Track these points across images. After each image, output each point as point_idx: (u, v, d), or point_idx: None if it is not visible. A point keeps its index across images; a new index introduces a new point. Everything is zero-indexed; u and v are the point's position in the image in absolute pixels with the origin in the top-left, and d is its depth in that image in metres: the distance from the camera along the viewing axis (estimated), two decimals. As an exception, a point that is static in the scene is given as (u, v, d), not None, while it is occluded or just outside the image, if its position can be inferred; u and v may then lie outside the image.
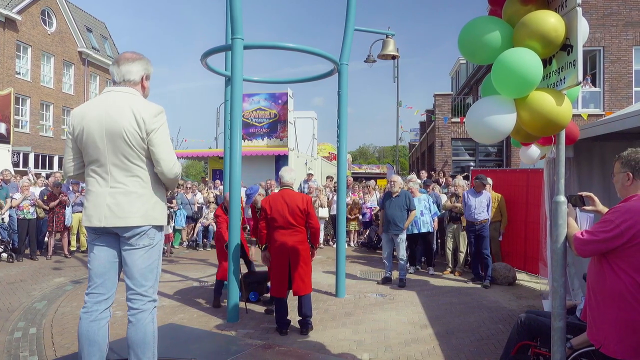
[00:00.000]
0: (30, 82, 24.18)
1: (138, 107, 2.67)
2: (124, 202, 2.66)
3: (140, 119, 2.64)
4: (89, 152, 2.71)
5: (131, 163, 2.68)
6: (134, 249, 2.72)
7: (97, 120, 2.66)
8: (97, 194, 2.70)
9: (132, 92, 2.78)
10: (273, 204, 4.88)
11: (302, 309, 4.92)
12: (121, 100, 2.70)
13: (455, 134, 17.63)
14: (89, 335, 2.70)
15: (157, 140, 2.69)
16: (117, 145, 2.65)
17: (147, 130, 2.65)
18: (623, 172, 2.45)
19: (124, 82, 2.80)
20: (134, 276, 2.74)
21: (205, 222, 11.41)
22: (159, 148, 2.70)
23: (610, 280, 2.35)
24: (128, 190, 2.68)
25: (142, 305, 2.75)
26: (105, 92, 2.81)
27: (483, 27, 2.70)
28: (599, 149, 4.92)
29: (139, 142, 2.66)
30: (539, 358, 3.35)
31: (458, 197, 8.12)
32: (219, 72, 7.01)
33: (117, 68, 2.81)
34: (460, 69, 29.41)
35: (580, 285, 4.78)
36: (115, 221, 2.65)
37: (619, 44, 15.47)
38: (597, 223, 2.46)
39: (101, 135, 2.65)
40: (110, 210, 2.65)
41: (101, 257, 2.76)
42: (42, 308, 5.88)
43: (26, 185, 9.44)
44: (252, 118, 17.47)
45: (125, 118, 2.63)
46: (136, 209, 2.67)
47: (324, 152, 28.77)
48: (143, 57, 2.88)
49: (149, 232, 2.74)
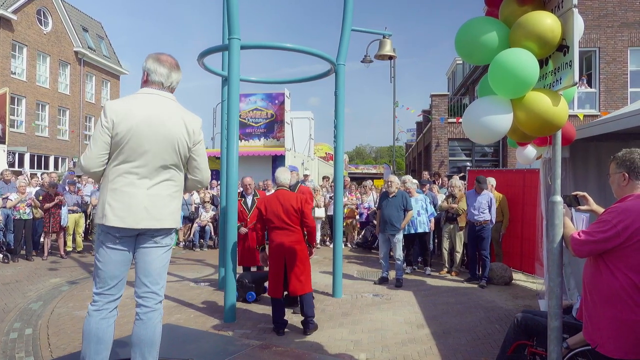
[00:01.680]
0: (25, 81, 24.09)
1: (188, 118, 2.82)
2: (161, 204, 2.73)
3: (192, 130, 2.80)
4: (129, 151, 2.65)
5: (171, 168, 2.78)
6: (156, 247, 2.78)
7: (147, 123, 2.65)
8: (132, 195, 2.65)
9: (174, 99, 2.87)
10: (268, 205, 4.92)
11: (302, 308, 4.93)
12: (172, 108, 2.79)
13: (451, 134, 17.66)
14: (99, 333, 2.68)
15: (201, 151, 2.89)
16: (164, 150, 2.71)
17: (194, 141, 2.83)
18: (619, 173, 2.47)
19: (168, 88, 2.83)
20: (152, 274, 2.77)
21: (201, 223, 11.40)
22: (202, 158, 2.91)
23: (606, 280, 2.36)
24: (165, 193, 2.76)
25: (154, 304, 2.78)
26: (148, 93, 2.77)
27: (480, 28, 2.71)
28: (594, 149, 4.95)
29: (185, 151, 2.81)
30: (535, 358, 3.36)
31: (454, 197, 8.14)
32: (216, 72, 6.99)
33: (166, 71, 2.80)
34: (457, 70, 29.50)
35: (576, 285, 4.80)
36: (152, 223, 2.69)
37: (615, 45, 15.55)
38: (593, 223, 2.47)
39: (150, 138, 2.66)
40: (148, 212, 2.67)
41: (118, 261, 2.74)
42: (38, 309, 5.85)
43: (22, 186, 9.39)
44: (248, 118, 17.45)
45: (178, 127, 2.75)
46: (169, 212, 2.78)
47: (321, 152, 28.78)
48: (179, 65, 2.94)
49: (172, 233, 2.88)
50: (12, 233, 9.37)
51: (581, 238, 2.43)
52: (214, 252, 10.29)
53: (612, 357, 2.32)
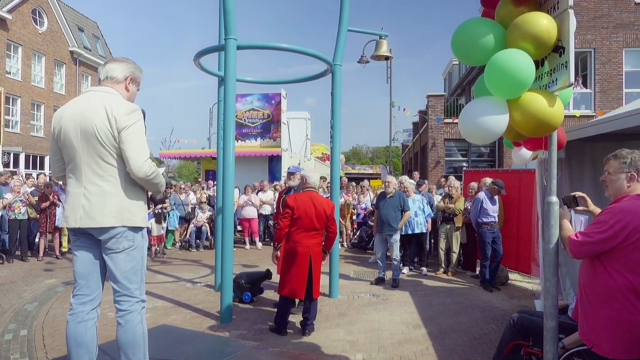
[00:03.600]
0: (21, 81, 23.97)
1: (111, 105, 2.62)
2: (97, 203, 2.62)
3: (112, 116, 2.59)
4: (66, 152, 2.71)
5: (105, 162, 2.64)
6: (114, 253, 2.69)
7: (72, 120, 2.65)
8: (73, 195, 2.68)
9: (111, 91, 2.75)
10: (300, 204, 4.80)
11: (309, 311, 4.92)
12: (97, 99, 2.67)
13: (448, 135, 17.70)
14: (76, 337, 2.67)
15: (127, 137, 2.60)
16: (90, 145, 2.62)
17: (118, 127, 2.59)
18: (626, 172, 2.42)
19: (107, 80, 2.79)
20: (118, 279, 2.72)
21: (198, 223, 11.37)
22: (128, 145, 2.60)
23: (603, 280, 2.36)
24: (102, 190, 2.63)
25: (129, 306, 2.72)
26: (84, 91, 2.81)
27: (476, 29, 2.71)
28: (589, 150, 4.97)
29: (111, 141, 2.61)
30: (531, 358, 3.37)
31: (451, 197, 8.15)
32: (212, 72, 6.98)
33: (102, 67, 2.84)
34: (453, 70, 29.56)
35: (572, 284, 4.82)
36: (88, 222, 2.62)
37: (610, 46, 15.63)
38: (590, 224, 2.47)
39: (76, 134, 2.63)
40: (85, 211, 2.62)
41: (83, 258, 2.75)
42: (33, 310, 5.82)
43: (17, 186, 9.34)
44: (245, 118, 17.43)
45: (97, 116, 2.59)
46: (109, 210, 2.62)
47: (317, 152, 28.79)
48: (132, 62, 2.88)
49: (125, 233, 2.68)
50: (7, 233, 9.32)
51: (579, 239, 2.42)
52: (210, 252, 10.27)
53: (608, 357, 2.32)
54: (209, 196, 11.90)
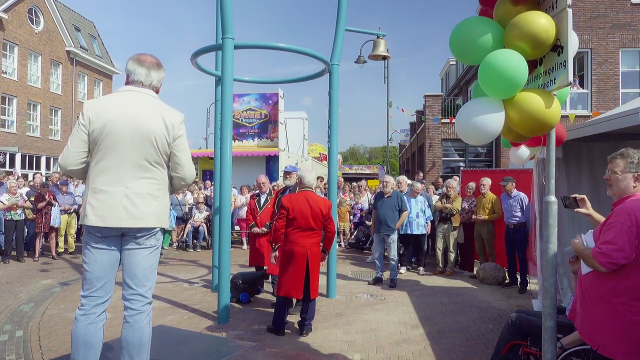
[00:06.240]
0: (17, 81, 23.86)
1: (167, 113, 2.75)
2: (141, 203, 2.66)
3: (170, 124, 2.72)
4: (105, 149, 2.63)
5: (151, 165, 2.71)
6: (140, 249, 2.72)
7: (122, 119, 2.62)
8: (111, 194, 2.62)
9: (155, 96, 2.81)
10: (296, 204, 4.79)
11: (307, 311, 4.91)
12: (149, 104, 2.73)
13: (445, 135, 17.72)
14: (86, 339, 2.64)
15: (182, 146, 2.80)
16: (141, 147, 2.64)
17: (174, 136, 2.74)
18: (633, 172, 2.36)
19: (150, 86, 2.80)
20: (137, 276, 2.72)
21: (195, 223, 11.34)
22: (183, 154, 2.81)
23: (607, 281, 2.32)
24: (145, 191, 2.68)
25: (141, 306, 2.73)
26: (126, 90, 2.75)
27: (474, 28, 2.71)
28: (587, 150, 4.98)
29: (164, 147, 2.73)
30: (529, 357, 3.37)
31: (449, 197, 8.15)
32: (210, 72, 6.96)
33: (145, 70, 2.78)
34: (450, 70, 29.59)
35: (569, 284, 4.82)
36: (132, 222, 2.63)
37: (606, 46, 15.68)
38: (603, 232, 2.34)
39: (126, 135, 2.62)
40: (127, 211, 2.62)
41: (103, 261, 2.70)
42: (29, 310, 5.79)
43: (13, 186, 9.29)
44: (242, 118, 17.39)
45: (155, 122, 2.68)
46: (152, 211, 2.70)
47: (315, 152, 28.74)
48: (163, 66, 2.92)
49: (157, 233, 2.79)
50: (3, 234, 9.27)
51: (604, 251, 2.27)
52: (207, 253, 10.24)
53: (615, 359, 2.27)
54: (206, 196, 11.87)
